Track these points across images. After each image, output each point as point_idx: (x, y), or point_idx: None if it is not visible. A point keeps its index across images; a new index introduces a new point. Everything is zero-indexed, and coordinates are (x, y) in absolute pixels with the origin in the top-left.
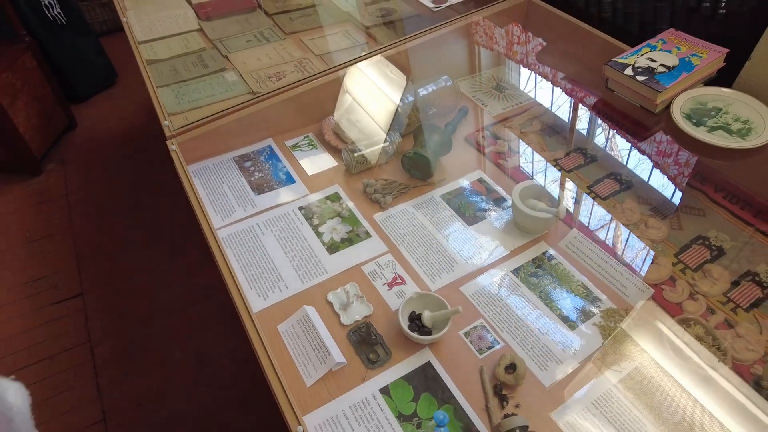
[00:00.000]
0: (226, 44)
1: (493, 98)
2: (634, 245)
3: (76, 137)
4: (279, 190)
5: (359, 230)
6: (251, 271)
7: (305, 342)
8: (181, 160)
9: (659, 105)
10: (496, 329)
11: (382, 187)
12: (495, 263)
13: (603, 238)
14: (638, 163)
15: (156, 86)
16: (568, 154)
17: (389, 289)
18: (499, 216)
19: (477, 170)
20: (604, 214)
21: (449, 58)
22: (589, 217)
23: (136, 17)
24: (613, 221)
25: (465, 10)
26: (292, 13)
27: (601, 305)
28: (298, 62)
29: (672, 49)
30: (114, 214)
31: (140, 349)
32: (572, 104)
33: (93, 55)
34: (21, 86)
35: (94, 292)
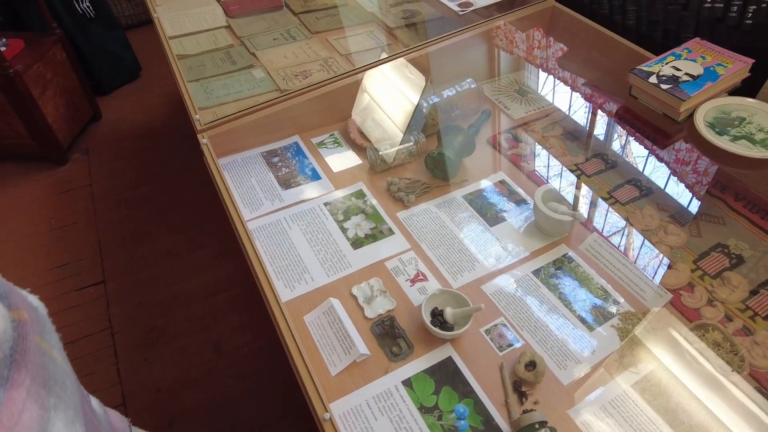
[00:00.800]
0: (253, 41)
1: (515, 102)
2: (653, 250)
3: (101, 128)
4: (305, 186)
5: (383, 227)
6: (279, 263)
7: (330, 333)
8: (211, 154)
9: (682, 113)
10: (517, 328)
11: (406, 185)
12: (516, 264)
13: (622, 242)
14: (659, 170)
15: (186, 81)
16: (588, 159)
17: (411, 285)
18: (520, 218)
19: (499, 172)
20: (623, 219)
21: (473, 61)
22: (608, 222)
23: (166, 13)
24: (632, 226)
25: (490, 15)
26: (318, 13)
27: (619, 308)
28: (324, 61)
29: (697, 58)
30: (135, 205)
31: (159, 337)
32: (594, 110)
33: (119, 48)
34: (51, 77)
35: (116, 279)
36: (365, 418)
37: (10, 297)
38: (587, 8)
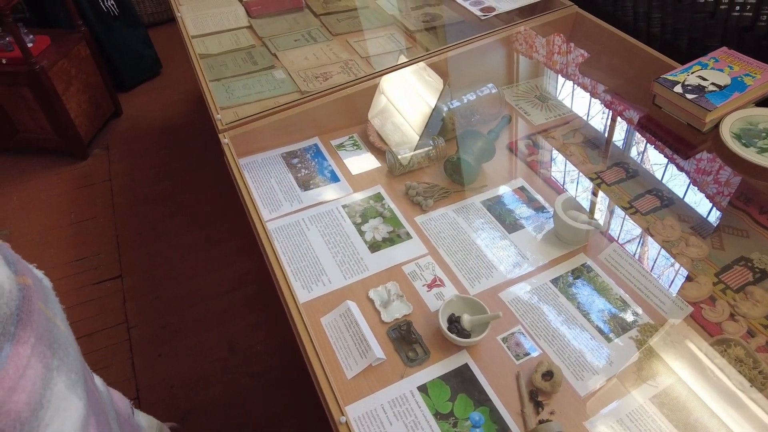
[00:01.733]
0: (274, 42)
1: (536, 108)
2: (674, 262)
3: (121, 124)
4: (324, 188)
5: (400, 231)
6: (296, 264)
7: (347, 336)
8: (232, 153)
9: (708, 124)
10: (534, 336)
11: (424, 190)
12: (534, 272)
13: (642, 253)
14: (681, 180)
15: (208, 80)
16: (609, 168)
17: (428, 291)
18: (539, 225)
19: (518, 178)
20: (644, 229)
21: (493, 65)
22: (629, 232)
23: (189, 12)
24: (652, 237)
25: (512, 20)
26: (339, 15)
27: (638, 319)
28: (345, 63)
29: (724, 68)
30: (153, 201)
31: (174, 333)
32: (616, 118)
33: (141, 46)
34: (75, 73)
35: (133, 274)
36: (380, 422)
37: (17, 264)
38: (611, 15)
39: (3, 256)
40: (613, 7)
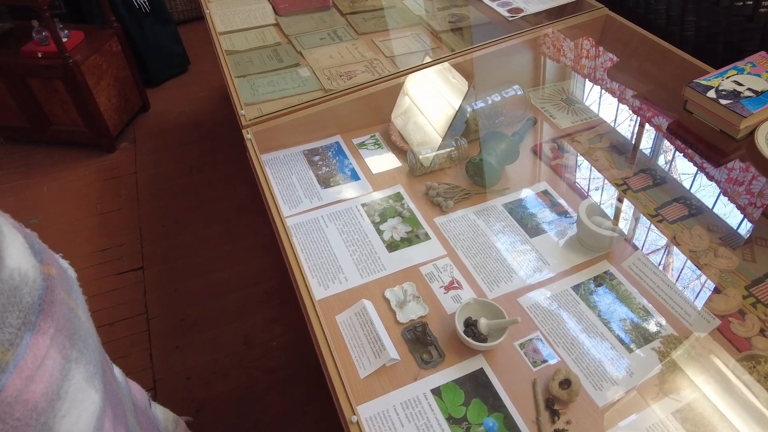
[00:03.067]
0: (300, 40)
1: (562, 111)
2: (701, 273)
3: (148, 119)
4: (344, 186)
5: (419, 231)
6: (314, 260)
7: (361, 335)
8: (255, 149)
9: (742, 131)
10: (552, 344)
11: (445, 191)
12: (555, 278)
13: (668, 262)
14: (711, 189)
15: (234, 77)
16: (636, 174)
17: (445, 293)
18: (561, 230)
19: (542, 182)
20: (670, 238)
21: (520, 67)
22: (654, 240)
23: (217, 9)
24: (679, 246)
25: (540, 22)
26: (365, 14)
27: (661, 330)
28: (369, 62)
29: (762, 73)
30: (176, 195)
31: (192, 325)
32: (644, 124)
33: (170, 42)
34: (106, 68)
35: (154, 266)
36: (392, 423)
37: (43, 254)
38: (643, 18)
39: (30, 245)
40: (645, 10)
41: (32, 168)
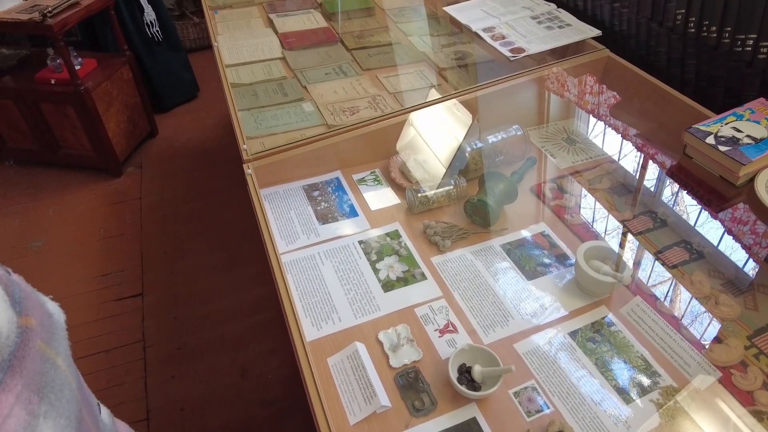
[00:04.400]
0: (305, 75)
1: (562, 150)
2: (702, 321)
3: (156, 145)
4: (342, 222)
5: (415, 271)
6: (308, 299)
7: (353, 379)
8: (255, 184)
9: (741, 178)
10: (548, 393)
11: (443, 230)
12: (552, 323)
13: (667, 309)
14: (712, 234)
15: (237, 109)
16: (636, 216)
17: (440, 336)
18: (560, 273)
19: (540, 222)
20: (670, 284)
21: (521, 105)
22: (654, 285)
23: (225, 42)
24: (679, 292)
25: (542, 61)
26: (371, 50)
27: (660, 381)
28: (372, 99)
29: (761, 120)
30: (180, 221)
31: (189, 355)
32: (645, 166)
33: (181, 70)
34: (116, 95)
35: (153, 293)
36: None
37: (24, 303)
38: (644, 60)
39: (10, 294)
40: (646, 52)
41: (40, 190)
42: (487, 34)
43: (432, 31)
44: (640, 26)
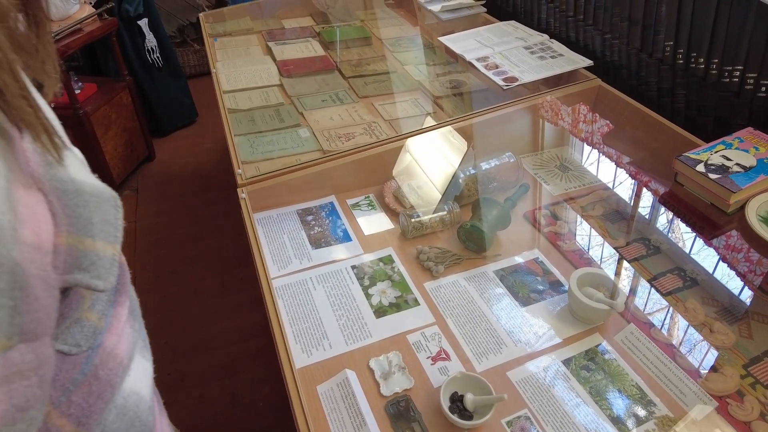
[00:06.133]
0: (302, 101)
1: (555, 177)
2: (697, 349)
3: (153, 168)
4: (335, 247)
5: (408, 297)
6: (299, 325)
7: (342, 408)
8: (248, 209)
9: (732, 205)
10: (541, 422)
11: (436, 255)
12: (546, 350)
13: (662, 336)
14: (705, 261)
15: (234, 135)
16: (629, 243)
17: (432, 364)
18: (553, 300)
19: (534, 249)
20: (664, 312)
21: (515, 133)
22: (648, 313)
23: (224, 68)
24: (674, 320)
25: (534, 90)
26: (367, 78)
27: (655, 411)
28: (368, 125)
29: (749, 148)
30: (174, 245)
31: (179, 381)
32: (638, 193)
33: (180, 95)
34: (115, 119)
35: (145, 317)
36: None
37: None
38: (635, 89)
39: None
40: (636, 82)
41: None
42: (481, 64)
43: (428, 61)
44: (631, 57)
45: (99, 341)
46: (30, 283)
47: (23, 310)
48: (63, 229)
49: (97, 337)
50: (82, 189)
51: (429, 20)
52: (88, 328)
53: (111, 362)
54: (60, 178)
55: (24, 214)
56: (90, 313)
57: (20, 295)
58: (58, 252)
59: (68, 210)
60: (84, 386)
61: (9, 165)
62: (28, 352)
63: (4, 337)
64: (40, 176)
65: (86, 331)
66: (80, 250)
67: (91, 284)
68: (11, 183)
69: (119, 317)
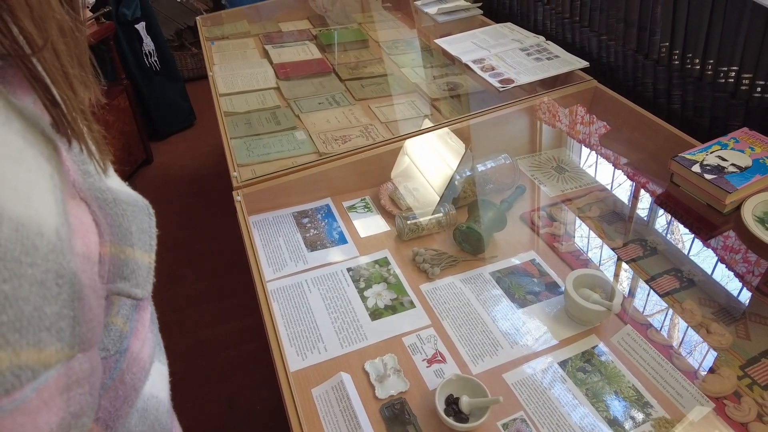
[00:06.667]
0: (299, 104)
1: (552, 179)
2: (694, 350)
3: (151, 172)
4: (331, 249)
5: (404, 299)
6: (294, 328)
7: (337, 411)
8: (243, 212)
9: (728, 206)
10: (537, 425)
11: (432, 257)
12: (542, 352)
13: (658, 338)
14: (702, 262)
15: (230, 138)
16: (626, 244)
17: (428, 366)
18: (550, 302)
19: (530, 251)
20: (661, 312)
21: (511, 135)
22: (644, 314)
23: (221, 72)
24: (670, 321)
25: (531, 92)
26: (364, 80)
27: (652, 412)
28: (364, 128)
29: (745, 149)
30: (171, 248)
31: (177, 386)
32: (634, 194)
33: (178, 98)
34: (113, 122)
35: None
36: None
37: None
38: (631, 90)
39: None
40: (633, 83)
41: None
42: (477, 66)
43: (424, 63)
44: (627, 58)
45: (125, 345)
46: (84, 293)
47: (81, 320)
48: (106, 238)
49: (123, 342)
50: (119, 198)
51: (426, 23)
52: (115, 333)
53: (135, 367)
54: (99, 188)
55: (74, 224)
56: (116, 317)
57: (78, 306)
58: (103, 261)
59: (109, 219)
60: (111, 391)
61: (61, 176)
62: (85, 361)
63: (67, 347)
64: (80, 185)
65: (113, 335)
66: (122, 259)
67: (131, 293)
68: (63, 194)
69: (143, 321)
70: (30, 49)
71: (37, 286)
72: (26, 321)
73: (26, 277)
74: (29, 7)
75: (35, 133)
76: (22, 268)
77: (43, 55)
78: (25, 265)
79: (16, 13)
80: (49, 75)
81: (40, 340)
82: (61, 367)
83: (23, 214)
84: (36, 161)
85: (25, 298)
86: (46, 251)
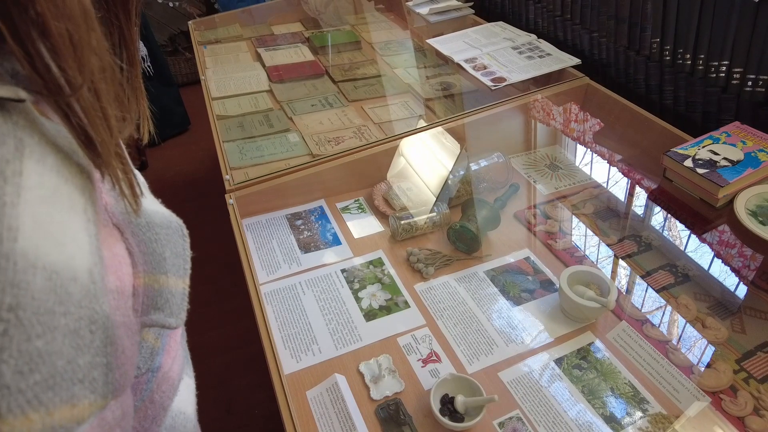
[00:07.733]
0: (292, 106)
1: (546, 177)
2: (690, 345)
3: (146, 177)
4: (325, 251)
5: (398, 299)
6: (288, 330)
7: (332, 413)
8: (236, 215)
9: (721, 200)
10: (533, 423)
11: (426, 257)
12: (537, 350)
13: (654, 333)
14: (696, 257)
15: (223, 141)
16: (621, 241)
17: (423, 366)
18: (545, 299)
19: (525, 249)
20: (656, 308)
21: (505, 134)
22: (640, 310)
23: (213, 75)
24: (666, 316)
25: (523, 90)
26: (357, 82)
27: (649, 408)
28: (358, 129)
29: (737, 143)
30: None
31: None
32: (628, 190)
33: (172, 103)
34: None
35: None
36: None
37: None
38: (623, 87)
39: None
40: (625, 79)
41: None
42: (469, 65)
43: (417, 63)
44: (618, 55)
45: (157, 363)
46: (117, 335)
47: (114, 366)
48: (140, 269)
49: (155, 359)
50: (152, 221)
51: (418, 23)
52: (146, 350)
53: (165, 385)
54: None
55: (107, 258)
56: (148, 333)
57: (111, 351)
58: (137, 294)
59: (143, 247)
60: (140, 411)
61: (94, 206)
62: (117, 408)
63: (100, 398)
64: (112, 210)
65: (144, 352)
66: (156, 289)
67: (165, 323)
68: (97, 226)
69: (174, 336)
70: (69, 90)
71: (71, 336)
72: (59, 377)
73: (60, 329)
74: (73, 45)
75: (69, 164)
76: (55, 320)
77: (81, 95)
78: (59, 315)
79: (60, 52)
80: (86, 115)
81: (73, 395)
82: (94, 419)
83: (57, 260)
84: (70, 198)
85: (58, 352)
86: (79, 297)
